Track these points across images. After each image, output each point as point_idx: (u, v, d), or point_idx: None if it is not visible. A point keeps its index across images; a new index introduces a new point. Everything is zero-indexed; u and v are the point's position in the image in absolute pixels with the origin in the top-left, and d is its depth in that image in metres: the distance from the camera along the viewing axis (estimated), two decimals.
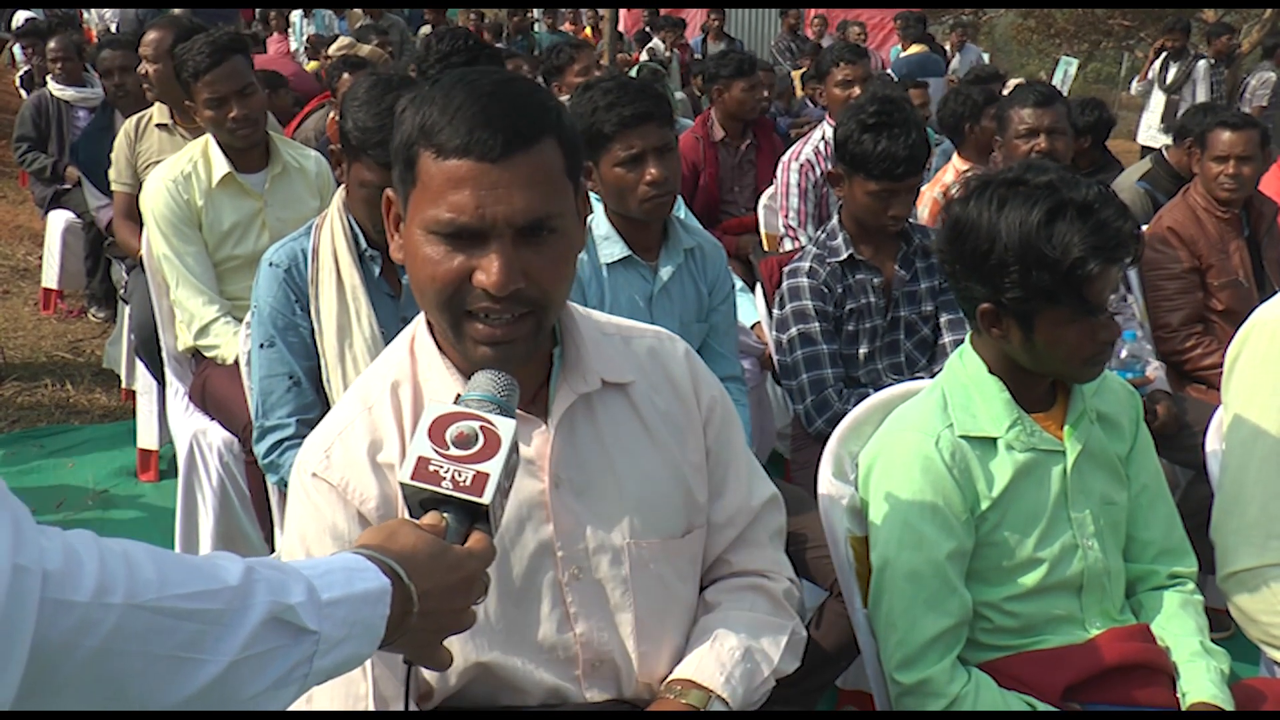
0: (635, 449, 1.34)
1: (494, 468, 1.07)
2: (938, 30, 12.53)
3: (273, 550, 2.51)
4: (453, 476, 1.06)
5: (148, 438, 3.84)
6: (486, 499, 1.06)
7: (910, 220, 2.72)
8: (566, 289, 1.26)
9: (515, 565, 1.28)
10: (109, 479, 3.89)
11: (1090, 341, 1.61)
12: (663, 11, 12.93)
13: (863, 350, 2.67)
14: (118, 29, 7.15)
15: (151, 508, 3.71)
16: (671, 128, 2.41)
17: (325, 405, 2.27)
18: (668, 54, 10.22)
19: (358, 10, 10.90)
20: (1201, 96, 9.60)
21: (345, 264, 2.22)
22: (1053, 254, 1.54)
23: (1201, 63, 10.10)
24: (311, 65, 8.49)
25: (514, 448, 1.09)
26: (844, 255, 2.64)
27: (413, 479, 1.06)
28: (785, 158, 4.31)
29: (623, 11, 12.63)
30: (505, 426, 1.09)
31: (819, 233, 2.77)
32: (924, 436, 1.66)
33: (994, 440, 1.67)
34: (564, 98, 4.56)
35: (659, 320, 2.31)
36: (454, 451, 1.07)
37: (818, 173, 4.19)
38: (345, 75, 4.65)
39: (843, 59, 4.64)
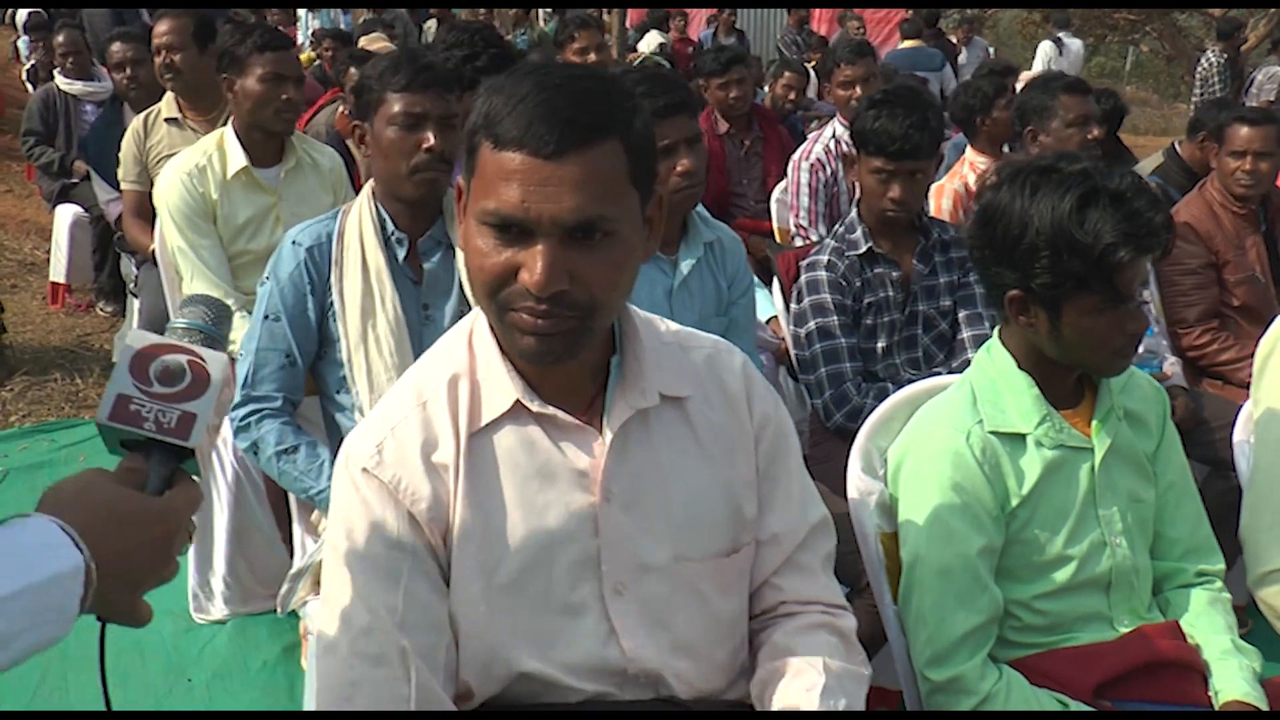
0: (687, 464, 1.31)
1: (202, 407, 0.97)
2: (944, 24, 12.51)
3: (289, 548, 2.49)
4: (156, 417, 0.96)
5: None
6: (193, 442, 0.96)
7: (928, 215, 2.70)
8: (621, 296, 1.21)
9: (560, 578, 1.25)
10: None
11: (1118, 332, 1.61)
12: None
13: (880, 344, 2.65)
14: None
15: None
16: (697, 118, 2.40)
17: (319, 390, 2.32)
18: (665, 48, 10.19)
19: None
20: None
21: (371, 246, 2.22)
22: (1084, 240, 1.53)
23: (1045, 43, 11.97)
24: (306, 57, 8.44)
25: (225, 383, 0.99)
26: (862, 249, 2.63)
27: (110, 420, 0.96)
28: (796, 156, 4.30)
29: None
30: (215, 360, 0.99)
31: (837, 226, 2.76)
32: (954, 432, 1.65)
33: (1023, 436, 1.66)
34: None
35: (678, 315, 2.29)
36: (158, 389, 0.97)
37: (828, 171, 4.18)
38: (352, 70, 4.63)
39: (844, 59, 4.63)
